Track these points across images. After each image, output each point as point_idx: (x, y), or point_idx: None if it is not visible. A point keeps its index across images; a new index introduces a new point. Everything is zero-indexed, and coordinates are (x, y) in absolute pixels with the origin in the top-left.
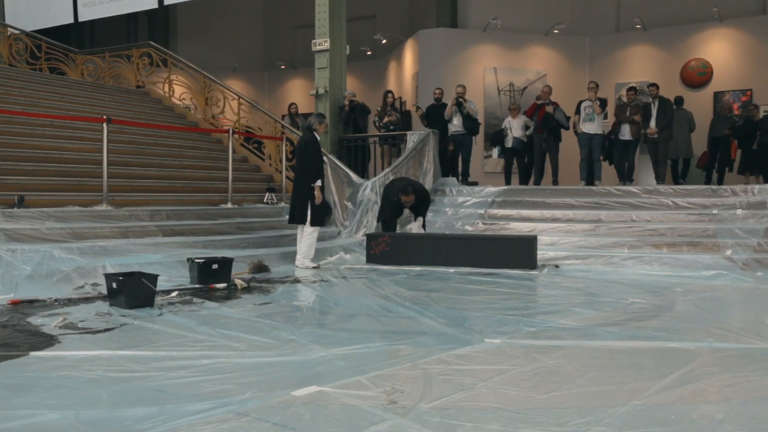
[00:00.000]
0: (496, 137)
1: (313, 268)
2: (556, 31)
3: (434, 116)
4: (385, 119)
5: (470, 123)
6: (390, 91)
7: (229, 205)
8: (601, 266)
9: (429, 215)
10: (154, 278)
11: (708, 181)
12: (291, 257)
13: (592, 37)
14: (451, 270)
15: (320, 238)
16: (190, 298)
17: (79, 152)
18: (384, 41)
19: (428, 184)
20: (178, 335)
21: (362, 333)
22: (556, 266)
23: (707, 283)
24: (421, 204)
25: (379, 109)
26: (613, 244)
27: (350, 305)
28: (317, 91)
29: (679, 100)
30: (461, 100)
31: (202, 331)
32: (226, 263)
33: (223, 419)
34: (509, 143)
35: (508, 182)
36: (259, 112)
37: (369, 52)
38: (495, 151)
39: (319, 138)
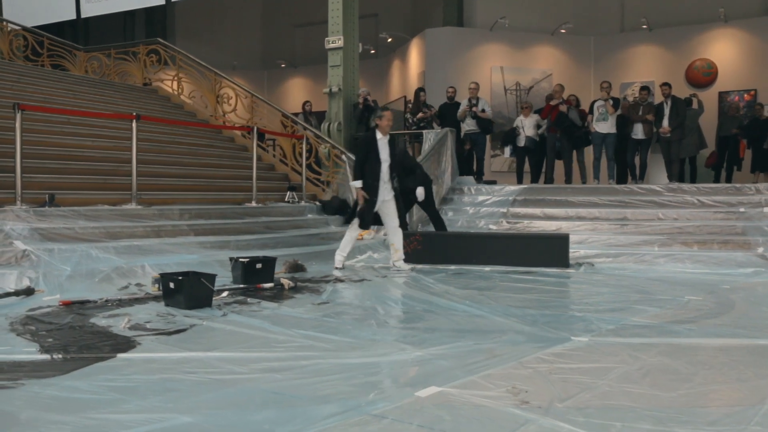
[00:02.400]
0: (509, 136)
1: (336, 268)
2: (562, 31)
3: (447, 115)
4: (419, 115)
5: (484, 122)
6: (422, 89)
7: (254, 204)
8: (633, 264)
9: (450, 214)
10: (212, 278)
11: (717, 180)
12: (321, 256)
13: (597, 37)
14: (487, 268)
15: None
16: (243, 298)
17: (102, 150)
18: (390, 40)
19: (446, 183)
20: (257, 336)
21: (443, 332)
22: (592, 264)
23: (749, 280)
24: (409, 173)
25: (410, 105)
26: (642, 242)
27: (410, 304)
28: (330, 89)
29: (689, 101)
30: (474, 109)
31: (279, 332)
32: (270, 262)
33: (363, 422)
34: (522, 142)
35: (520, 181)
36: (271, 109)
37: (372, 51)
38: (507, 150)
39: (381, 136)
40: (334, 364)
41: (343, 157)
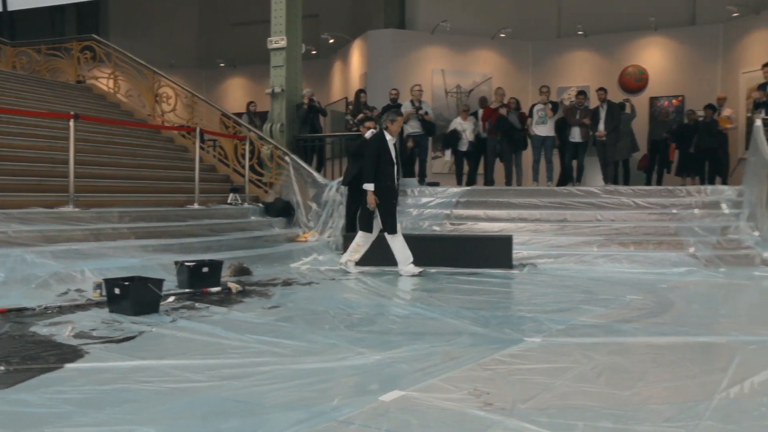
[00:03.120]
0: (450, 139)
1: (341, 267)
2: (502, 35)
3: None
4: (360, 116)
5: (427, 125)
6: (363, 90)
7: (196, 206)
8: (574, 264)
9: None
10: (159, 283)
11: (648, 182)
12: (266, 259)
13: (536, 42)
14: (433, 270)
15: (288, 240)
16: (190, 303)
17: (36, 150)
18: (331, 41)
19: None
20: (210, 342)
21: (398, 335)
22: (535, 265)
23: (683, 279)
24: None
25: (351, 107)
26: (582, 243)
27: (362, 307)
28: (273, 90)
29: (622, 105)
30: (420, 111)
31: (232, 337)
32: (216, 266)
33: (331, 428)
34: (465, 146)
35: (459, 183)
36: (210, 110)
37: (314, 52)
38: (447, 153)
39: (391, 138)
40: (293, 370)
41: (287, 158)
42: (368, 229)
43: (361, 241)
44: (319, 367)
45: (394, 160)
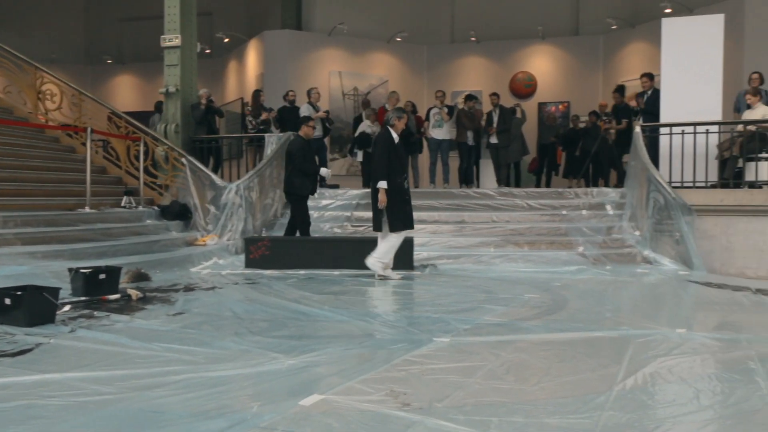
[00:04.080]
0: (361, 141)
1: (380, 277)
2: (397, 39)
3: (288, 119)
4: (264, 115)
5: (326, 127)
6: (261, 90)
7: (88, 210)
8: (473, 265)
9: None
10: (55, 291)
11: (538, 184)
12: (165, 264)
13: (430, 46)
14: (336, 272)
15: (186, 244)
16: (88, 311)
17: None
18: (226, 40)
19: None
20: (116, 352)
21: (311, 339)
22: (435, 266)
23: (574, 277)
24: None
25: (250, 108)
26: (479, 244)
27: (270, 311)
28: (167, 90)
29: (513, 110)
30: (321, 114)
31: (139, 346)
32: (114, 272)
33: None
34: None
35: (366, 185)
36: (97, 108)
37: (208, 50)
38: (359, 155)
39: (395, 136)
40: (207, 378)
41: (183, 160)
42: (379, 228)
43: (392, 241)
44: (234, 374)
45: (402, 158)
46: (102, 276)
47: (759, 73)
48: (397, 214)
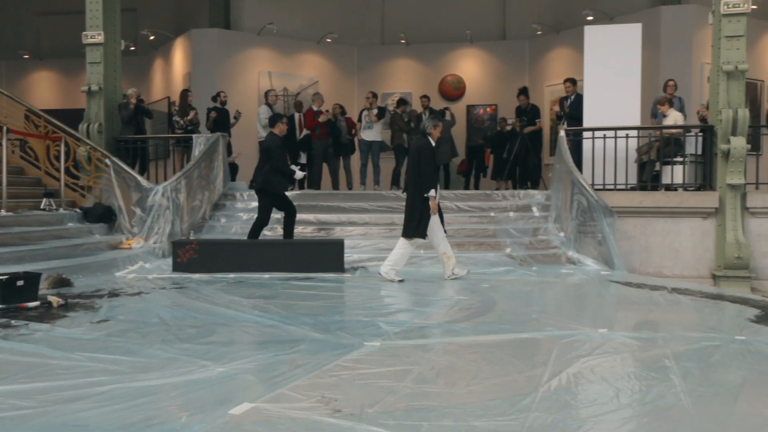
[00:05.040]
0: (304, 143)
1: (399, 281)
2: (328, 40)
3: (219, 120)
4: (192, 114)
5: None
6: (189, 90)
7: (4, 213)
8: (403, 267)
9: (223, 221)
10: None
11: (466, 186)
12: (88, 269)
13: (361, 47)
14: (266, 276)
15: (110, 247)
16: (5, 320)
17: None
18: (152, 37)
19: (218, 189)
20: (35, 363)
21: (241, 345)
22: (366, 268)
23: (502, 278)
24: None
25: (177, 108)
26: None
27: (199, 317)
28: (90, 88)
29: (443, 112)
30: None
31: (60, 356)
32: (33, 279)
33: None
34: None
35: (300, 187)
36: (11, 105)
37: (132, 48)
38: (303, 157)
39: (433, 143)
40: (133, 388)
41: (107, 161)
42: (422, 234)
43: (405, 248)
44: (162, 384)
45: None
46: (20, 282)
47: (674, 81)
48: (422, 222)
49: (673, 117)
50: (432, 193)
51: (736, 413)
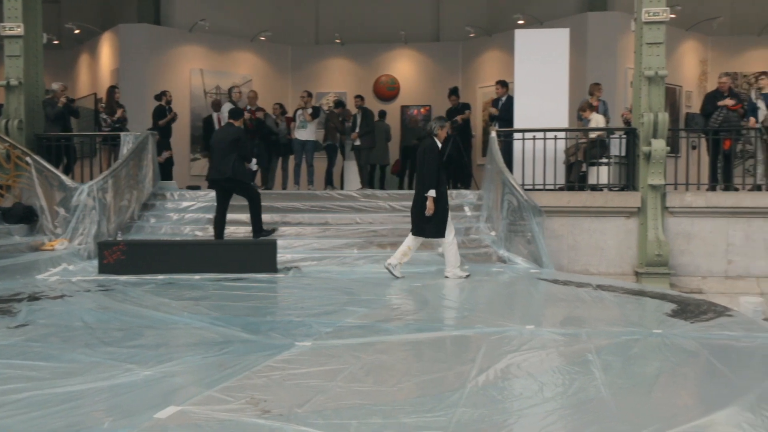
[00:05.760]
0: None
1: (466, 276)
2: (261, 38)
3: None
4: (118, 114)
5: None
6: (116, 87)
7: None
8: (336, 266)
9: (152, 221)
10: None
11: (401, 186)
12: (7, 271)
13: (295, 46)
14: (197, 277)
15: (31, 249)
16: None
17: None
18: (77, 31)
19: (147, 188)
20: None
21: (168, 348)
22: (299, 268)
23: (434, 277)
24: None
25: (104, 105)
26: (343, 245)
27: (125, 320)
28: (8, 82)
29: (382, 113)
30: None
31: None
32: None
33: None
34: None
35: None
36: None
37: (56, 41)
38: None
39: (440, 144)
40: (54, 394)
41: (27, 159)
42: (442, 233)
43: (448, 247)
44: (84, 389)
45: (443, 167)
46: None
47: (599, 84)
48: (437, 221)
49: (596, 120)
50: (432, 193)
51: (650, 403)
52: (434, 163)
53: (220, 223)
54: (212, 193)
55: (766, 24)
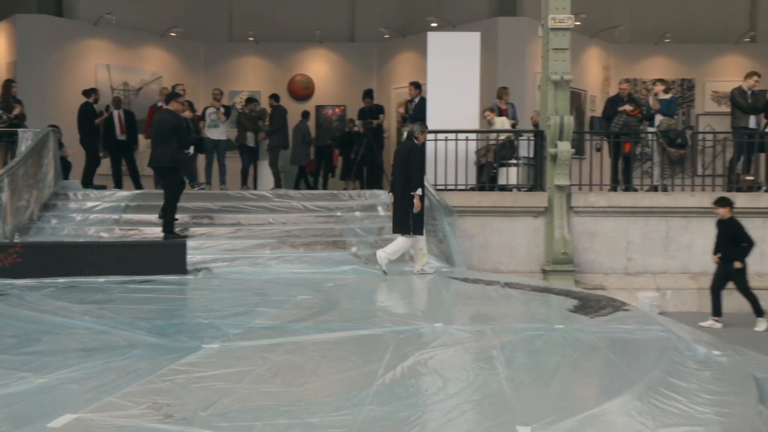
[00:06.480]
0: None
1: (384, 269)
2: (172, 34)
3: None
4: (16, 110)
5: None
6: (13, 81)
7: None
8: (248, 267)
9: (54, 222)
10: None
11: (315, 186)
12: None
13: (207, 44)
14: (101, 280)
15: None
16: None
17: None
18: None
19: (48, 188)
20: None
21: (67, 354)
22: (209, 270)
23: (347, 277)
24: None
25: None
26: (256, 246)
27: (20, 325)
28: None
29: (305, 114)
30: None
31: None
32: None
33: None
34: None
35: (118, 186)
36: None
37: None
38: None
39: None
40: None
41: None
42: (421, 230)
43: (421, 245)
44: None
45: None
46: None
47: (507, 88)
48: (419, 219)
49: (500, 122)
50: (419, 191)
51: (549, 395)
52: (420, 164)
53: (170, 212)
54: (121, 193)
55: (663, 34)
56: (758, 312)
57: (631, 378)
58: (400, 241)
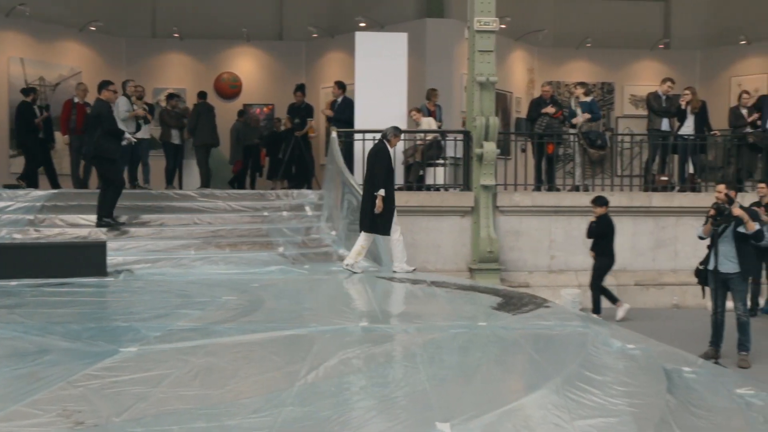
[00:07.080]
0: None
1: (413, 270)
2: (92, 28)
3: (25, 116)
4: None
5: None
6: None
7: None
8: (172, 268)
9: None
10: None
11: (242, 186)
12: None
13: (130, 39)
14: (13, 283)
15: None
16: None
17: None
18: None
19: None
20: None
21: None
22: (131, 271)
23: (274, 277)
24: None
25: None
26: (180, 246)
27: None
28: None
29: (241, 113)
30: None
31: None
32: None
33: None
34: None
35: (55, 186)
36: None
37: None
38: None
39: (391, 150)
40: None
41: None
42: (388, 231)
43: (366, 243)
44: None
45: (393, 170)
46: None
47: (436, 90)
48: (385, 219)
49: (426, 122)
50: (382, 192)
51: (469, 391)
52: (384, 165)
53: (109, 202)
54: (36, 192)
55: (584, 39)
56: (613, 300)
57: (550, 372)
58: (362, 239)
